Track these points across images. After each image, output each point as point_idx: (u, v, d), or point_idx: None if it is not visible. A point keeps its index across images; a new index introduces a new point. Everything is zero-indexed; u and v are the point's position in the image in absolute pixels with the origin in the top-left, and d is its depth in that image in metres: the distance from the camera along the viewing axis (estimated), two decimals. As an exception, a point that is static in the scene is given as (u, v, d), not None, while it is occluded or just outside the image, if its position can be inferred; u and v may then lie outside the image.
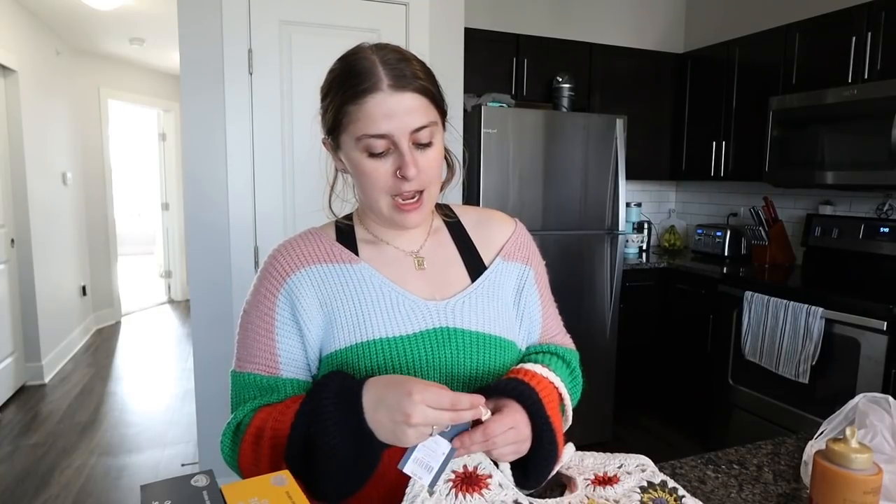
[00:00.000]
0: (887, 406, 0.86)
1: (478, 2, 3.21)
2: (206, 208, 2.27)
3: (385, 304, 0.80)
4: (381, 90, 0.73)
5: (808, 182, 2.67)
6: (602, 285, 2.92)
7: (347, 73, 0.75)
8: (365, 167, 0.76)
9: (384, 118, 0.73)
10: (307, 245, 0.83)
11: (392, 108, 0.73)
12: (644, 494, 0.77)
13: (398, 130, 0.73)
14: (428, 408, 0.63)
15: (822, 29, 2.64)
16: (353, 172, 0.80)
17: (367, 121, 0.73)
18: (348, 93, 0.74)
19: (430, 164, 0.77)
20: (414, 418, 0.62)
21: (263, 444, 0.72)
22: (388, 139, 0.74)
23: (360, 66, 0.74)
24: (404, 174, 0.74)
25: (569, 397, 0.81)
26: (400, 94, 0.73)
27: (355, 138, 0.75)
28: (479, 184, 2.65)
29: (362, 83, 0.73)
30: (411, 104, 0.74)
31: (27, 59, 3.79)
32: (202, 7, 2.18)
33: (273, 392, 0.79)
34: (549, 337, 0.93)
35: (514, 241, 0.91)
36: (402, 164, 0.74)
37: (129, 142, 7.55)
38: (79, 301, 4.74)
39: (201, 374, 2.32)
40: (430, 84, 0.77)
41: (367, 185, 0.77)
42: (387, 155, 0.75)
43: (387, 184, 0.76)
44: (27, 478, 2.63)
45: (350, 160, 0.78)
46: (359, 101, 0.73)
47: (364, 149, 0.75)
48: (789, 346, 2.40)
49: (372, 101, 0.73)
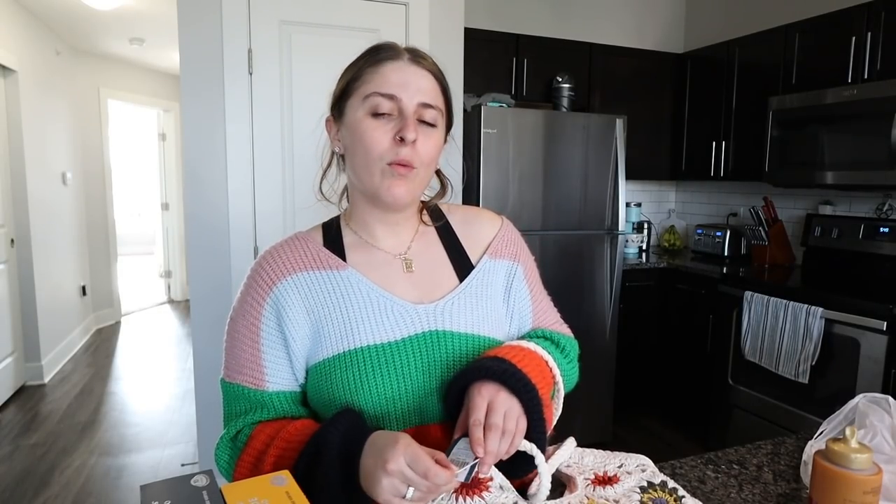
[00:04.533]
0: (887, 406, 0.86)
1: (478, 2, 3.21)
2: (206, 208, 2.27)
3: (373, 310, 0.79)
4: (401, 59, 0.78)
5: (807, 182, 2.67)
6: (602, 285, 2.92)
7: (370, 49, 0.81)
8: (366, 126, 0.77)
9: (398, 84, 0.77)
10: (294, 251, 0.83)
11: (407, 78, 0.77)
12: (644, 494, 0.77)
13: (408, 97, 0.76)
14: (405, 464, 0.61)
15: (821, 29, 2.64)
16: (350, 141, 0.80)
17: (381, 80, 0.77)
18: (370, 60, 0.79)
19: (427, 143, 0.78)
20: (390, 465, 0.61)
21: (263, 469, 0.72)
22: (396, 102, 0.76)
23: (384, 44, 0.80)
24: (404, 135, 0.75)
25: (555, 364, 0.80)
26: (417, 68, 0.79)
27: (364, 96, 0.77)
28: (479, 184, 2.64)
29: (383, 52, 0.79)
30: (425, 82, 0.79)
31: (27, 59, 3.79)
32: (202, 7, 2.18)
33: (263, 408, 0.78)
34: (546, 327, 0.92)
35: (500, 239, 0.91)
36: (403, 126, 0.76)
37: (128, 142, 7.55)
38: (79, 301, 4.74)
39: (201, 374, 2.32)
40: (443, 76, 0.82)
41: (364, 148, 0.77)
42: (390, 120, 0.77)
43: (383, 146, 0.76)
44: (27, 478, 2.63)
45: (352, 124, 0.79)
46: (378, 65, 0.78)
47: (370, 108, 0.77)
48: (789, 346, 2.40)
49: (390, 65, 0.78)
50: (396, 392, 0.75)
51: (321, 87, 0.83)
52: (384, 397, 0.75)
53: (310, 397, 0.80)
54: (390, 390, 0.75)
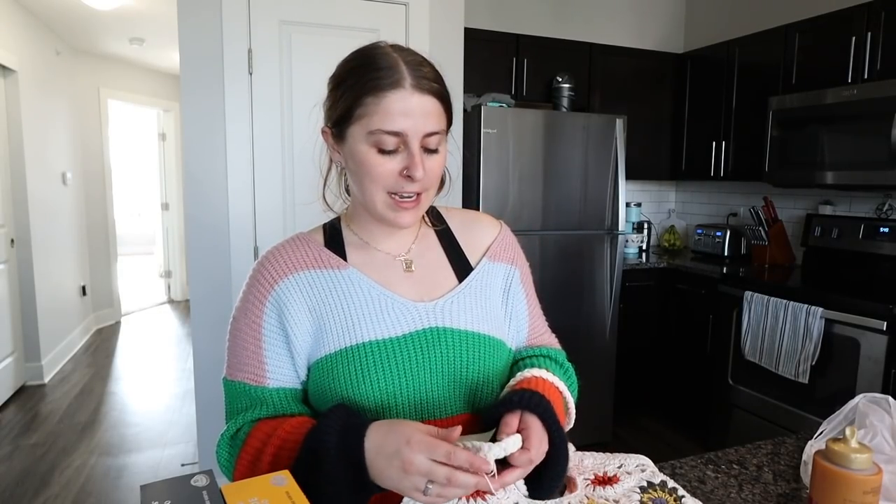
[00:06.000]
0: (887, 406, 0.86)
1: (478, 2, 3.21)
2: (206, 208, 2.27)
3: (374, 307, 0.80)
4: (404, 88, 0.73)
5: (807, 182, 2.67)
6: (602, 285, 2.92)
7: (369, 66, 0.75)
8: (371, 161, 0.75)
9: (402, 116, 0.73)
10: (295, 251, 0.83)
11: (411, 108, 0.73)
12: (644, 494, 0.77)
13: (412, 130, 0.74)
14: (425, 458, 0.62)
15: (821, 29, 2.64)
16: (353, 166, 0.79)
17: (385, 115, 0.73)
18: (369, 84, 0.73)
19: (434, 169, 0.78)
20: (412, 467, 0.62)
21: (261, 467, 0.72)
22: (401, 138, 0.74)
23: (382, 61, 0.74)
24: (411, 174, 0.74)
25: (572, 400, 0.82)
26: (420, 96, 0.74)
27: (368, 131, 0.74)
28: (478, 184, 2.64)
29: (386, 77, 0.73)
30: (429, 107, 0.75)
31: (27, 59, 3.79)
32: (202, 7, 2.18)
33: (263, 404, 0.79)
34: (536, 335, 0.94)
35: (499, 242, 0.92)
36: (410, 164, 0.74)
37: (128, 142, 7.55)
38: (79, 301, 4.74)
39: (201, 374, 2.32)
40: (444, 90, 0.78)
41: (369, 180, 0.77)
42: (395, 153, 0.75)
43: (389, 181, 0.76)
44: (27, 478, 2.63)
45: (355, 153, 0.77)
46: (379, 94, 0.73)
47: (374, 143, 0.74)
48: (789, 346, 2.40)
49: (393, 96, 0.73)
50: (397, 387, 0.76)
51: (321, 88, 0.82)
52: (385, 393, 0.76)
53: (311, 394, 0.81)
54: (391, 386, 0.76)
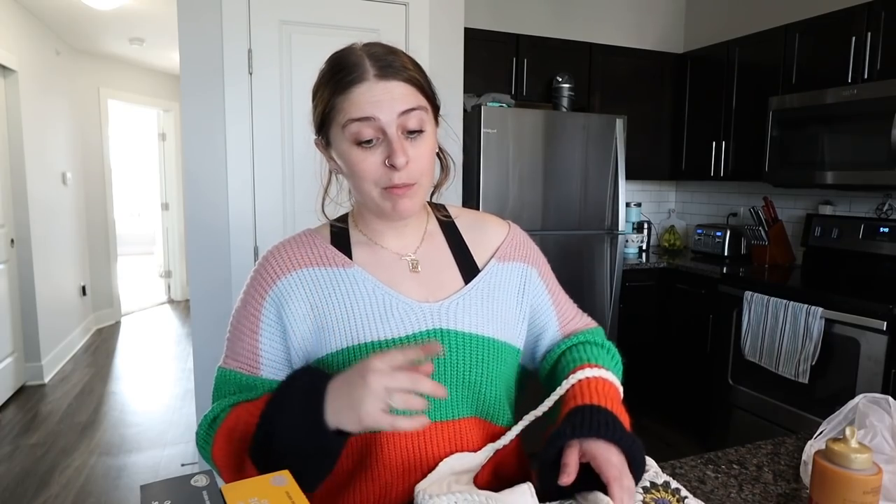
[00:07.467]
0: (887, 406, 0.86)
1: (478, 2, 3.21)
2: (206, 208, 2.27)
3: (378, 307, 0.79)
4: (367, 80, 0.73)
5: (807, 182, 2.67)
6: (602, 285, 2.92)
7: (335, 69, 0.76)
8: (354, 158, 0.75)
9: (369, 104, 0.73)
10: (300, 248, 0.83)
11: (378, 96, 0.73)
12: (646, 495, 0.76)
13: (383, 114, 0.73)
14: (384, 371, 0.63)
15: (821, 29, 2.64)
16: (344, 168, 0.79)
17: (353, 107, 0.73)
18: (336, 86, 0.75)
19: (420, 154, 0.76)
20: (372, 374, 0.62)
21: (235, 438, 0.73)
22: (376, 124, 0.73)
23: (346, 61, 0.75)
24: (393, 162, 0.73)
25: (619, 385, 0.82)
26: (386, 83, 0.74)
27: (342, 126, 0.74)
28: (478, 184, 2.64)
29: (348, 75, 0.74)
30: (398, 91, 0.74)
31: (27, 59, 3.79)
32: (202, 7, 2.17)
33: (250, 390, 0.80)
34: (567, 320, 0.94)
35: (509, 243, 0.91)
36: (390, 152, 0.73)
37: (128, 142, 7.55)
38: (79, 301, 4.74)
39: (201, 374, 2.32)
40: (418, 75, 0.77)
41: (358, 178, 0.77)
42: (376, 145, 0.74)
43: (376, 175, 0.75)
44: (27, 478, 2.63)
45: (340, 153, 0.77)
46: (346, 90, 0.74)
47: (352, 137, 0.74)
48: (789, 346, 2.40)
49: (357, 90, 0.73)
50: None
51: (321, 88, 0.83)
52: None
53: None
54: None
